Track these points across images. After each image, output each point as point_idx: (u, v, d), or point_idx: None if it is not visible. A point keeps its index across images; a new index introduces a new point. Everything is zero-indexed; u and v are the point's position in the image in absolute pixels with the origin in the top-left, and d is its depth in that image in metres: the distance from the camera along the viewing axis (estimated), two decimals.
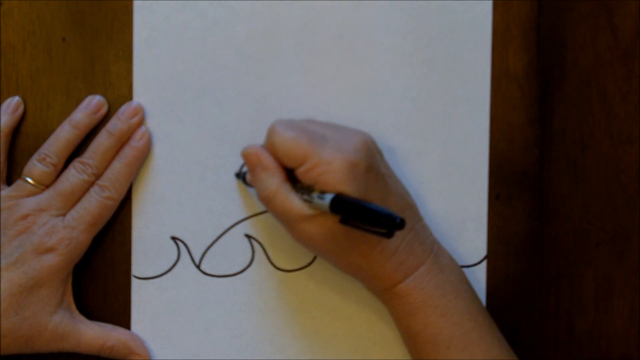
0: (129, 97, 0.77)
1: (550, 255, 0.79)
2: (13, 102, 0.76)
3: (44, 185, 0.75)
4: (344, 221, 0.68)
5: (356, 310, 0.78)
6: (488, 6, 0.77)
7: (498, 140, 0.78)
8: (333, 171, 0.69)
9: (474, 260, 0.78)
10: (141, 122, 0.76)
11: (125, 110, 0.76)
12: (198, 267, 0.78)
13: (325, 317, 0.78)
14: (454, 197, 0.78)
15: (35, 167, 0.74)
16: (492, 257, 0.78)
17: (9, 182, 0.77)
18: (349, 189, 0.69)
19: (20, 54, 0.77)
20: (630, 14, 0.77)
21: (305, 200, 0.70)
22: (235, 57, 0.77)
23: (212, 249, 0.78)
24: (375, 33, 0.77)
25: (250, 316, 0.78)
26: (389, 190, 0.72)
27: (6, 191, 0.74)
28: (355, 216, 0.67)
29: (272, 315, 0.78)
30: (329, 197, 0.68)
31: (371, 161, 0.71)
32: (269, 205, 0.72)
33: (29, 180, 0.74)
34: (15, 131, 0.77)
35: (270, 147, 0.72)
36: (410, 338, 0.74)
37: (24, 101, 0.77)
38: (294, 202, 0.70)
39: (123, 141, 0.76)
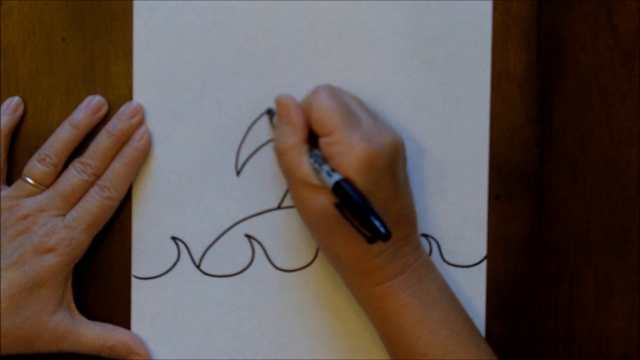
0: (129, 97, 0.77)
1: (550, 255, 0.79)
2: (13, 102, 0.76)
3: (44, 185, 0.75)
4: (338, 206, 0.68)
5: (356, 310, 0.78)
6: (488, 6, 0.77)
7: (498, 140, 0.78)
8: (352, 156, 0.69)
9: (474, 260, 0.78)
10: (141, 122, 0.76)
11: (125, 110, 0.76)
12: (198, 267, 0.78)
13: (325, 317, 0.78)
14: (454, 197, 0.78)
15: (35, 167, 0.74)
16: (492, 257, 0.78)
17: (9, 182, 0.77)
18: (359, 179, 0.69)
19: (20, 54, 0.77)
20: (630, 14, 0.77)
21: (315, 169, 0.70)
22: (235, 57, 0.77)
23: (212, 249, 0.78)
24: (375, 33, 0.77)
25: (250, 316, 0.78)
26: (396, 197, 0.72)
27: (6, 191, 0.74)
28: (350, 207, 0.67)
29: (272, 315, 0.78)
30: (335, 178, 0.68)
31: (392, 163, 0.71)
32: (279, 159, 0.72)
33: (29, 180, 0.74)
34: (15, 131, 0.77)
35: (307, 105, 0.72)
36: (388, 343, 0.74)
37: (24, 101, 0.77)
38: (303, 165, 0.70)
39: (123, 141, 0.76)
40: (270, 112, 0.76)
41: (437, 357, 0.71)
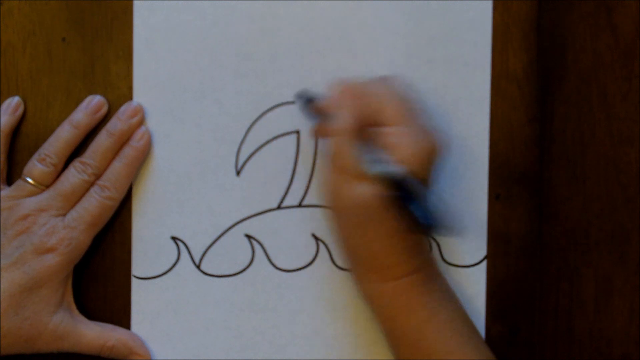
0: (129, 97, 0.77)
1: (550, 255, 0.79)
2: (13, 102, 0.76)
3: (44, 185, 0.75)
4: (394, 197, 0.67)
5: (356, 310, 0.78)
6: (488, 6, 0.77)
7: (498, 140, 0.78)
8: (417, 146, 0.69)
9: (474, 260, 0.78)
10: (141, 122, 0.76)
11: (125, 110, 0.76)
12: (198, 267, 0.78)
13: (325, 317, 0.78)
14: (454, 197, 0.78)
15: (35, 167, 0.74)
16: (492, 257, 0.78)
17: (9, 182, 0.77)
18: (420, 169, 0.69)
19: (20, 54, 0.77)
20: (630, 14, 0.77)
21: (366, 161, 0.69)
22: (235, 57, 0.77)
23: (212, 249, 0.78)
24: (375, 33, 0.77)
25: (250, 316, 0.78)
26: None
27: (6, 191, 0.74)
28: (408, 200, 0.67)
29: (272, 315, 0.78)
30: (399, 170, 0.68)
31: (436, 163, 0.71)
32: (331, 141, 0.71)
33: (29, 180, 0.74)
34: (15, 131, 0.77)
35: (373, 92, 0.71)
36: (392, 340, 0.74)
37: (24, 101, 0.77)
38: (352, 152, 0.69)
39: (123, 141, 0.76)
40: (310, 100, 0.75)
41: (440, 356, 0.71)
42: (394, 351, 0.75)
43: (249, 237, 0.78)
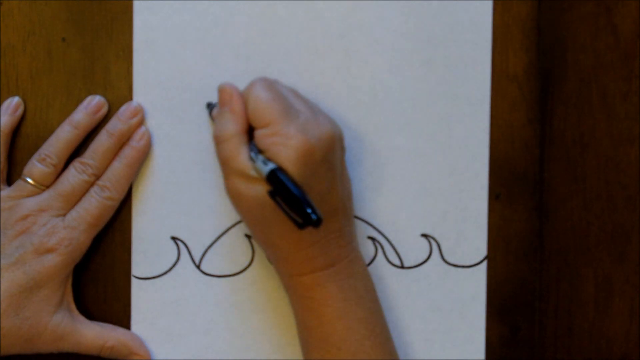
0: (129, 97, 0.77)
1: (550, 255, 0.79)
2: (13, 102, 0.76)
3: (44, 185, 0.75)
4: (271, 194, 0.68)
5: None
6: (488, 6, 0.77)
7: (498, 140, 0.78)
8: (288, 147, 0.68)
9: (474, 260, 0.78)
10: (141, 122, 0.76)
11: (125, 110, 0.76)
12: (198, 267, 0.78)
13: None
14: (454, 197, 0.78)
15: (36, 168, 0.74)
16: (492, 257, 0.79)
17: (9, 182, 0.77)
18: (295, 171, 0.68)
19: (20, 54, 0.77)
20: (630, 14, 0.77)
21: (251, 159, 0.70)
22: (235, 57, 0.77)
23: (212, 249, 0.78)
24: (375, 33, 0.77)
25: (250, 316, 0.78)
26: (333, 188, 0.71)
27: (6, 191, 0.74)
28: (283, 195, 0.67)
29: (272, 315, 0.78)
30: (270, 166, 0.68)
31: (329, 155, 0.70)
32: (218, 147, 0.71)
33: (29, 180, 0.74)
34: (15, 131, 0.77)
35: (245, 98, 0.72)
36: (304, 332, 0.74)
37: (24, 101, 0.77)
38: (241, 155, 0.70)
39: (123, 141, 0.76)
40: (210, 106, 0.76)
41: (351, 353, 0.71)
42: (303, 342, 0.74)
43: (249, 237, 0.78)
